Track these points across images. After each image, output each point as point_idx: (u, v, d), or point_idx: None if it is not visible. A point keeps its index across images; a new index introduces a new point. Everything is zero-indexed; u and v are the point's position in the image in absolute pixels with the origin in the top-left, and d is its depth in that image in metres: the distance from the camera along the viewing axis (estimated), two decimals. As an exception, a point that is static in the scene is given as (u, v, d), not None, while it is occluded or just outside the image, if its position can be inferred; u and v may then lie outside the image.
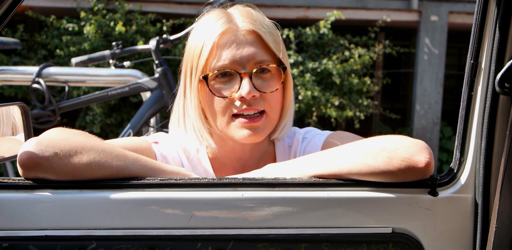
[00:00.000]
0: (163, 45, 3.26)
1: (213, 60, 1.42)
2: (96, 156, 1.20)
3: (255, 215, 1.20)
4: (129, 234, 1.18)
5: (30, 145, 1.17)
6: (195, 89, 1.46)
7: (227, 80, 1.43)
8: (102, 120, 6.89)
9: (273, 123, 1.48)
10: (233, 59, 1.41)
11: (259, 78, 1.43)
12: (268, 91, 1.43)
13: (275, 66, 1.45)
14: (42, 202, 1.17)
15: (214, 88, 1.43)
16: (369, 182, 1.23)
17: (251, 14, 1.47)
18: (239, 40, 1.42)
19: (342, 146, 1.30)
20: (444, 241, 1.26)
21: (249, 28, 1.43)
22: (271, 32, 1.47)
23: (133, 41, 6.65)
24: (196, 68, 1.45)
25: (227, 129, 1.45)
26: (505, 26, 1.17)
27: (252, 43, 1.42)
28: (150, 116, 3.26)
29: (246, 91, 1.39)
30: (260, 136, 1.45)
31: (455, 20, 8.50)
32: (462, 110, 1.27)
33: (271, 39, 1.45)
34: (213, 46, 1.41)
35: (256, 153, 1.55)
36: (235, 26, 1.43)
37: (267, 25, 1.47)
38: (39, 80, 3.24)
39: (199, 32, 1.47)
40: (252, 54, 1.41)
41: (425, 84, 8.45)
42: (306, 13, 8.00)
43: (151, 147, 1.51)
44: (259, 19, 1.47)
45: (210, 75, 1.42)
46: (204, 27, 1.46)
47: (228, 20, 1.44)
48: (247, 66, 1.41)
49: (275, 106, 1.46)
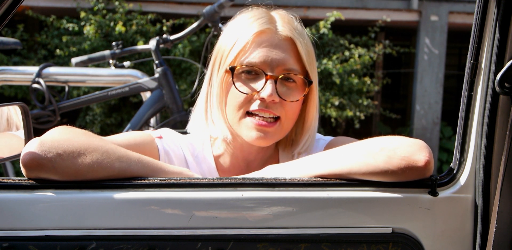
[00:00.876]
0: (163, 45, 3.26)
1: (244, 55, 1.42)
2: (99, 157, 1.20)
3: (255, 215, 1.20)
4: (129, 234, 1.18)
5: (33, 146, 1.17)
6: (220, 78, 1.47)
7: (252, 78, 1.43)
8: (102, 120, 6.89)
9: (285, 131, 1.48)
10: (264, 59, 1.41)
11: (283, 85, 1.43)
12: (288, 100, 1.43)
13: (301, 78, 1.45)
14: (42, 202, 1.17)
15: (237, 81, 1.43)
16: (369, 182, 1.23)
17: (292, 22, 1.48)
18: (275, 43, 1.42)
19: (342, 147, 1.30)
20: (444, 241, 1.26)
21: (287, 34, 1.43)
22: (307, 44, 1.47)
23: (133, 41, 6.65)
24: (226, 59, 1.45)
25: (237, 125, 1.45)
26: (505, 26, 1.17)
27: (286, 50, 1.43)
28: (150, 116, 3.26)
29: (268, 93, 1.39)
30: (269, 141, 1.45)
31: (455, 20, 8.50)
32: (462, 110, 1.27)
33: (305, 50, 1.45)
34: (248, 42, 1.42)
35: (262, 156, 1.55)
36: (274, 28, 1.44)
37: (305, 36, 1.48)
38: (39, 80, 3.24)
39: (237, 26, 1.48)
40: (283, 59, 1.42)
41: (425, 84, 8.45)
42: (306, 13, 8.00)
43: (154, 142, 1.51)
44: (299, 29, 1.48)
45: (238, 68, 1.43)
46: (243, 22, 1.47)
47: (269, 21, 1.45)
48: (275, 70, 1.42)
49: (292, 116, 1.46)
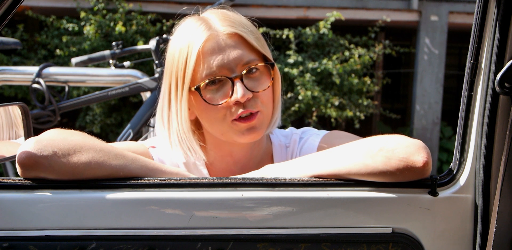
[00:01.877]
0: (163, 45, 3.26)
1: (201, 69, 1.39)
2: (95, 155, 1.20)
3: (255, 215, 1.20)
4: (129, 234, 1.18)
5: (29, 144, 1.17)
6: (185, 101, 1.43)
7: (218, 86, 1.41)
8: (102, 120, 6.90)
9: (268, 118, 1.48)
10: (221, 64, 1.39)
11: (250, 79, 1.42)
12: (260, 90, 1.42)
13: (263, 65, 1.44)
14: (42, 202, 1.17)
15: (207, 97, 1.41)
16: (369, 182, 1.23)
17: (228, 16, 1.46)
18: (223, 45, 1.40)
19: (340, 147, 1.30)
20: (444, 241, 1.26)
21: (230, 31, 1.41)
22: (252, 30, 1.45)
23: (133, 41, 6.65)
24: (183, 80, 1.41)
25: (227, 134, 1.44)
26: (505, 26, 1.17)
27: (236, 46, 1.41)
28: (150, 116, 3.26)
29: (240, 95, 1.37)
30: (259, 133, 1.44)
31: (455, 20, 8.50)
32: (462, 110, 1.27)
33: (253, 37, 1.44)
34: (198, 55, 1.39)
35: (255, 153, 1.54)
36: (216, 31, 1.41)
37: (246, 24, 1.46)
38: (39, 80, 3.24)
39: (180, 43, 1.44)
40: (238, 56, 1.40)
41: (425, 84, 8.45)
42: (306, 13, 8.00)
43: (148, 152, 1.50)
44: (237, 19, 1.46)
45: (202, 85, 1.40)
46: (184, 37, 1.43)
47: (208, 27, 1.42)
48: (236, 69, 1.40)
49: (268, 102, 1.45)
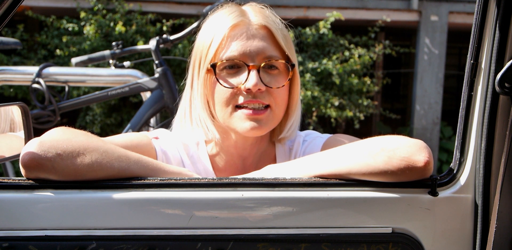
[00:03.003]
0: (163, 45, 3.26)
1: (223, 51, 1.42)
2: (98, 157, 1.20)
3: (255, 215, 1.20)
4: (129, 234, 1.18)
5: (33, 146, 1.17)
6: (202, 79, 1.46)
7: (235, 72, 1.43)
8: (102, 120, 6.89)
9: (277, 119, 1.48)
10: (243, 51, 1.41)
11: (267, 74, 1.43)
12: (274, 87, 1.43)
13: (283, 62, 1.45)
14: (42, 202, 1.17)
15: (221, 77, 1.43)
16: (369, 182, 1.23)
17: (264, 11, 1.50)
18: (251, 33, 1.43)
19: (341, 147, 1.30)
20: (444, 241, 1.26)
21: (261, 23, 1.44)
22: (282, 29, 1.48)
23: (133, 41, 6.65)
24: (205, 58, 1.45)
25: (229, 120, 1.44)
26: (505, 26, 1.17)
27: (263, 38, 1.43)
28: (150, 116, 3.26)
29: (252, 83, 1.39)
30: (263, 129, 1.44)
31: (455, 20, 8.50)
32: (462, 110, 1.27)
33: (282, 35, 1.46)
34: (224, 37, 1.42)
35: (256, 150, 1.55)
36: (247, 19, 1.45)
37: (278, 22, 1.49)
38: (39, 80, 3.24)
39: (211, 25, 1.48)
40: (262, 48, 1.42)
41: (425, 84, 8.45)
42: (306, 13, 8.00)
43: (151, 143, 1.51)
44: (271, 16, 1.49)
45: (219, 64, 1.42)
46: (216, 20, 1.47)
47: (241, 14, 1.46)
48: (256, 59, 1.42)
49: (281, 103, 1.46)
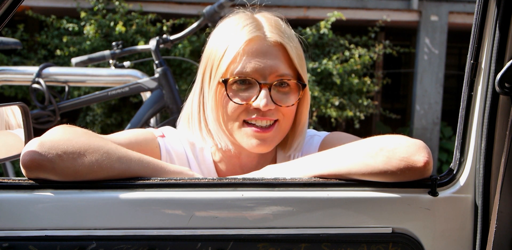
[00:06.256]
0: (163, 45, 3.26)
1: (236, 66, 1.40)
2: (99, 158, 1.20)
3: (255, 215, 1.20)
4: (129, 234, 1.18)
5: (33, 146, 1.17)
6: (213, 91, 1.44)
7: (246, 87, 1.41)
8: (102, 120, 6.89)
9: (284, 133, 1.47)
10: (256, 68, 1.39)
11: (278, 91, 1.42)
12: (284, 105, 1.42)
13: (295, 82, 1.44)
14: (42, 202, 1.17)
15: (232, 92, 1.41)
16: (369, 182, 1.23)
17: (279, 25, 1.46)
18: (265, 50, 1.40)
19: (341, 147, 1.30)
20: (444, 241, 1.26)
21: (276, 40, 1.41)
22: (297, 47, 1.46)
23: (133, 41, 6.65)
24: (217, 70, 1.43)
25: (236, 135, 1.44)
26: (505, 26, 1.17)
27: (277, 55, 1.41)
28: (150, 116, 3.26)
29: (263, 104, 1.38)
30: (269, 147, 1.44)
31: (455, 20, 8.50)
32: (462, 110, 1.27)
33: (296, 54, 1.44)
34: (238, 52, 1.39)
35: (262, 162, 1.54)
36: (263, 35, 1.41)
37: (294, 39, 1.46)
38: (39, 80, 3.24)
39: (224, 34, 1.45)
40: (275, 66, 1.40)
41: (425, 84, 8.45)
42: (306, 13, 8.00)
43: (156, 140, 1.51)
44: (287, 32, 1.46)
45: (230, 80, 1.41)
46: (230, 30, 1.44)
47: (257, 28, 1.42)
48: (268, 77, 1.40)
49: (289, 118, 1.46)
